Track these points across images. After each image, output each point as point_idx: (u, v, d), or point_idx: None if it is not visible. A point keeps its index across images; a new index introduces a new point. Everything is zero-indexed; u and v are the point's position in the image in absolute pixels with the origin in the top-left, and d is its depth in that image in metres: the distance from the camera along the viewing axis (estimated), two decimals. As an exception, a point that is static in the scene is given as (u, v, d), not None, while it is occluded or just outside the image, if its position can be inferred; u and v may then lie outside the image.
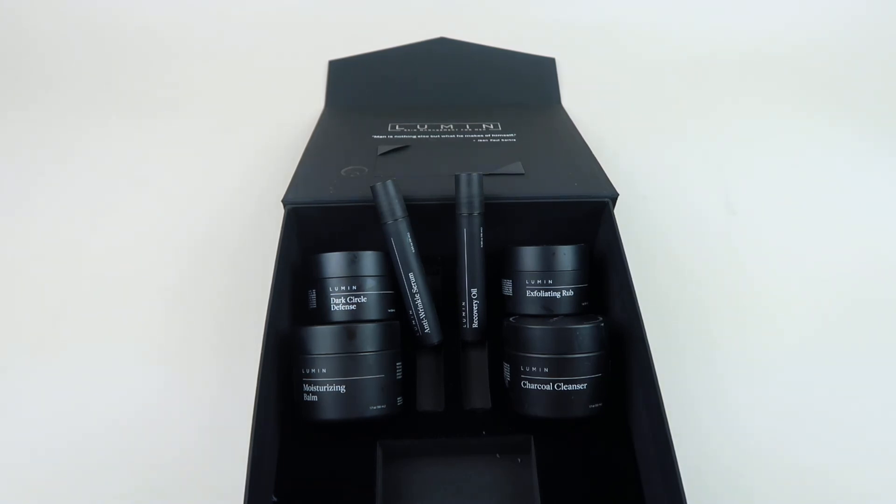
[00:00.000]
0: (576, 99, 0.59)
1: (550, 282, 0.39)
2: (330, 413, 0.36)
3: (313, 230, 0.42)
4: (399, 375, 0.38)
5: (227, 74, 0.61)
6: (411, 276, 0.39)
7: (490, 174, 0.42)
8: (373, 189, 0.39)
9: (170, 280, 0.47)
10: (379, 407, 0.36)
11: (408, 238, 0.39)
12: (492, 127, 0.51)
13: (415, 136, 0.49)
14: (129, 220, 0.51)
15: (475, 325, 0.41)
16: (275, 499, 0.35)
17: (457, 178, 0.39)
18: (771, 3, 0.67)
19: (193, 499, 0.39)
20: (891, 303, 0.48)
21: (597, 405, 0.37)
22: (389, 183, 0.39)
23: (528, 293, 0.39)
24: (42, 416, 0.42)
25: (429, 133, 0.50)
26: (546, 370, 0.36)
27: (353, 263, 0.38)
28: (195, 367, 0.43)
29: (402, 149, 0.47)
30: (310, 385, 0.36)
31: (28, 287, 0.47)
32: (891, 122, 0.59)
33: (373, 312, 0.38)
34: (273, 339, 0.36)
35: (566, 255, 0.39)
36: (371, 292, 0.38)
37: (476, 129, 0.50)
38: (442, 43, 0.61)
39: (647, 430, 0.36)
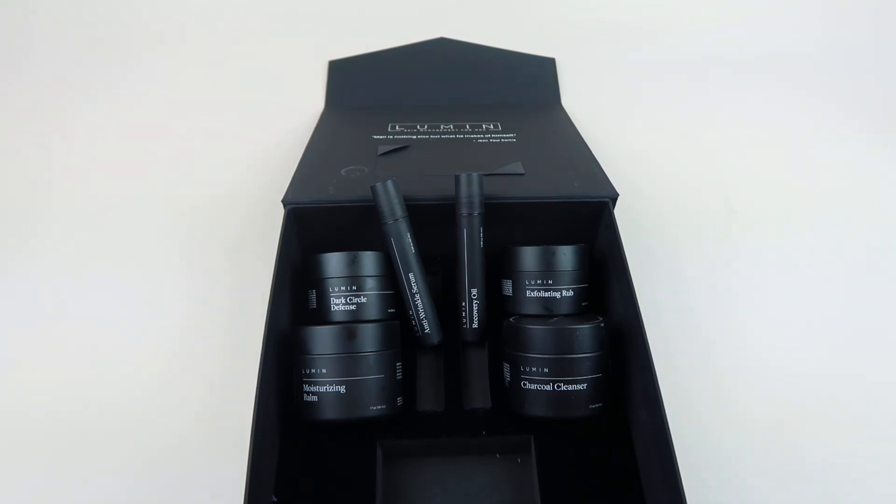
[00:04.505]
0: (576, 99, 0.59)
1: (550, 282, 0.39)
2: (330, 413, 0.36)
3: (313, 230, 0.42)
4: (399, 375, 0.38)
5: (227, 74, 0.61)
6: (411, 276, 0.39)
7: (490, 174, 0.42)
8: (373, 189, 0.39)
9: (170, 280, 0.47)
10: (379, 407, 0.36)
11: (408, 238, 0.39)
12: (492, 127, 0.51)
13: (415, 136, 0.49)
14: (129, 219, 0.51)
15: (475, 325, 0.41)
16: (275, 499, 0.35)
17: (457, 178, 0.39)
18: (771, 3, 0.67)
19: (194, 499, 0.39)
20: (892, 301, 0.48)
21: (597, 405, 0.37)
22: (389, 183, 0.39)
23: (528, 293, 0.39)
24: (41, 414, 0.42)
25: (429, 133, 0.50)
26: (546, 370, 0.36)
27: (353, 263, 0.38)
28: (195, 367, 0.43)
29: (402, 149, 0.47)
30: (310, 385, 0.36)
31: (25, 298, 0.47)
32: (893, 120, 0.59)
33: (373, 312, 0.38)
34: (273, 339, 0.36)
35: (566, 255, 0.39)
36: (371, 292, 0.38)
37: (476, 129, 0.50)
38: (442, 43, 0.61)
39: (647, 430, 0.36)
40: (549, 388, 0.36)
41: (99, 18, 0.63)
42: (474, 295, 0.40)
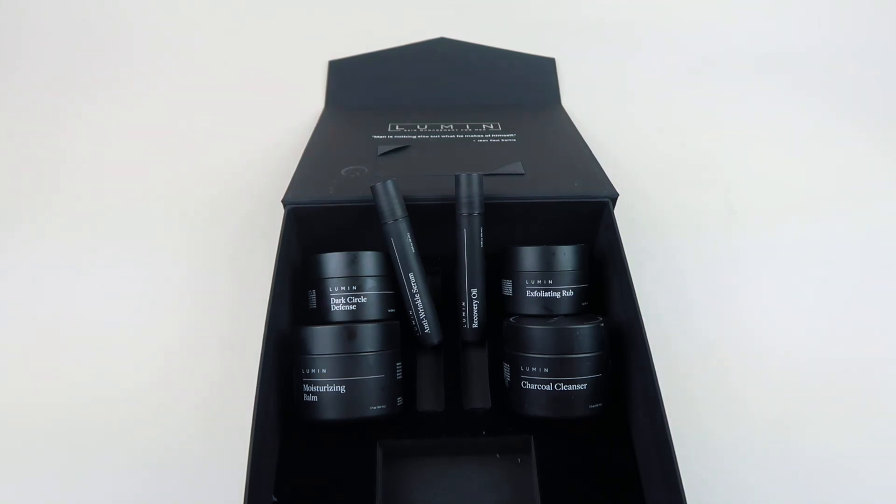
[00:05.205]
0: (576, 99, 0.59)
1: (550, 282, 0.39)
2: (330, 413, 0.36)
3: (313, 230, 0.42)
4: (399, 375, 0.38)
5: (228, 74, 0.61)
6: (411, 276, 0.39)
7: (490, 174, 0.42)
8: (373, 189, 0.39)
9: (170, 280, 0.47)
10: (379, 407, 0.36)
11: (408, 238, 0.39)
12: (492, 127, 0.51)
13: (415, 136, 0.49)
14: (129, 220, 0.51)
15: (475, 325, 0.41)
16: (275, 499, 0.35)
17: (457, 178, 0.39)
18: (771, 4, 0.67)
19: (194, 499, 0.39)
20: (892, 302, 0.48)
21: (597, 405, 0.37)
22: (389, 183, 0.39)
23: (528, 293, 0.39)
24: (40, 415, 0.42)
25: (429, 133, 0.50)
26: (546, 370, 0.36)
27: (353, 263, 0.38)
28: (195, 367, 0.43)
29: (402, 149, 0.47)
30: (310, 385, 0.36)
31: (26, 313, 0.47)
32: (893, 120, 0.59)
33: (373, 312, 0.38)
34: (273, 339, 0.36)
35: (566, 255, 0.39)
36: (371, 292, 0.38)
37: (476, 129, 0.50)
38: (442, 43, 0.61)
39: (647, 429, 0.36)
40: (549, 388, 0.36)
41: (100, 18, 0.63)
42: (474, 295, 0.40)
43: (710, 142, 0.57)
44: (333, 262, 0.38)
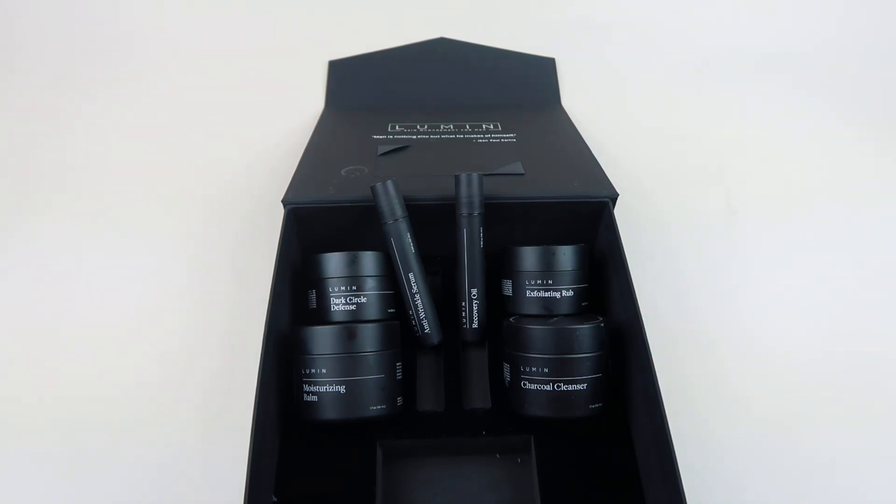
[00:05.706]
0: (576, 99, 0.59)
1: (550, 282, 0.39)
2: (330, 413, 0.36)
3: (313, 230, 0.42)
4: (399, 375, 0.38)
5: (228, 74, 0.61)
6: (411, 276, 0.39)
7: (490, 174, 0.42)
8: (373, 189, 0.39)
9: (170, 281, 0.47)
10: (379, 407, 0.36)
11: (408, 238, 0.39)
12: (492, 127, 0.51)
13: (415, 136, 0.49)
14: (129, 220, 0.51)
15: (475, 325, 0.41)
16: (275, 499, 0.35)
17: (457, 178, 0.39)
18: (771, 4, 0.67)
19: (194, 499, 0.39)
20: (892, 302, 0.48)
21: (597, 405, 0.37)
22: (389, 183, 0.39)
23: (528, 293, 0.39)
24: (39, 415, 0.42)
25: (429, 133, 0.50)
26: (546, 370, 0.36)
27: (353, 263, 0.38)
28: (195, 367, 0.43)
29: (402, 149, 0.47)
30: (310, 385, 0.36)
31: (24, 306, 0.47)
32: (893, 120, 0.59)
33: (373, 312, 0.38)
34: (273, 339, 0.36)
35: (566, 255, 0.39)
36: (371, 292, 0.38)
37: (476, 129, 0.50)
38: (442, 43, 0.61)
39: (647, 429, 0.36)
40: (549, 388, 0.36)
41: (100, 18, 0.63)
42: (474, 295, 0.40)
43: (710, 142, 0.57)
44: (333, 262, 0.38)
